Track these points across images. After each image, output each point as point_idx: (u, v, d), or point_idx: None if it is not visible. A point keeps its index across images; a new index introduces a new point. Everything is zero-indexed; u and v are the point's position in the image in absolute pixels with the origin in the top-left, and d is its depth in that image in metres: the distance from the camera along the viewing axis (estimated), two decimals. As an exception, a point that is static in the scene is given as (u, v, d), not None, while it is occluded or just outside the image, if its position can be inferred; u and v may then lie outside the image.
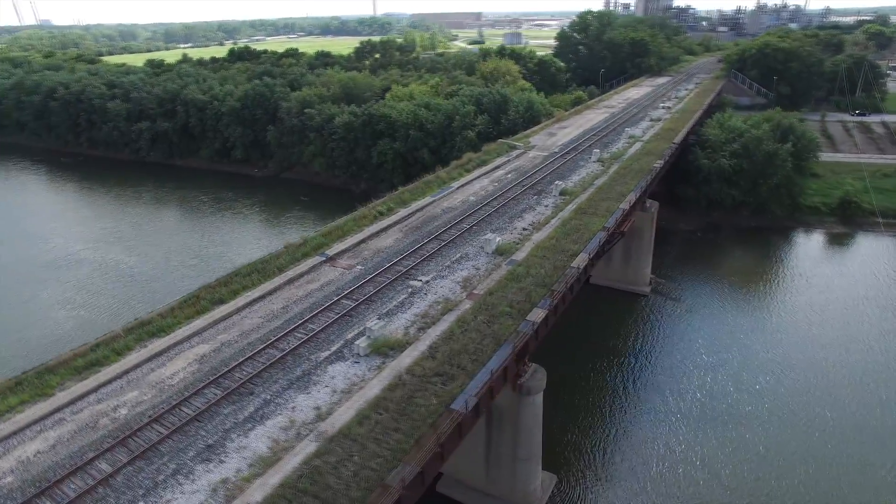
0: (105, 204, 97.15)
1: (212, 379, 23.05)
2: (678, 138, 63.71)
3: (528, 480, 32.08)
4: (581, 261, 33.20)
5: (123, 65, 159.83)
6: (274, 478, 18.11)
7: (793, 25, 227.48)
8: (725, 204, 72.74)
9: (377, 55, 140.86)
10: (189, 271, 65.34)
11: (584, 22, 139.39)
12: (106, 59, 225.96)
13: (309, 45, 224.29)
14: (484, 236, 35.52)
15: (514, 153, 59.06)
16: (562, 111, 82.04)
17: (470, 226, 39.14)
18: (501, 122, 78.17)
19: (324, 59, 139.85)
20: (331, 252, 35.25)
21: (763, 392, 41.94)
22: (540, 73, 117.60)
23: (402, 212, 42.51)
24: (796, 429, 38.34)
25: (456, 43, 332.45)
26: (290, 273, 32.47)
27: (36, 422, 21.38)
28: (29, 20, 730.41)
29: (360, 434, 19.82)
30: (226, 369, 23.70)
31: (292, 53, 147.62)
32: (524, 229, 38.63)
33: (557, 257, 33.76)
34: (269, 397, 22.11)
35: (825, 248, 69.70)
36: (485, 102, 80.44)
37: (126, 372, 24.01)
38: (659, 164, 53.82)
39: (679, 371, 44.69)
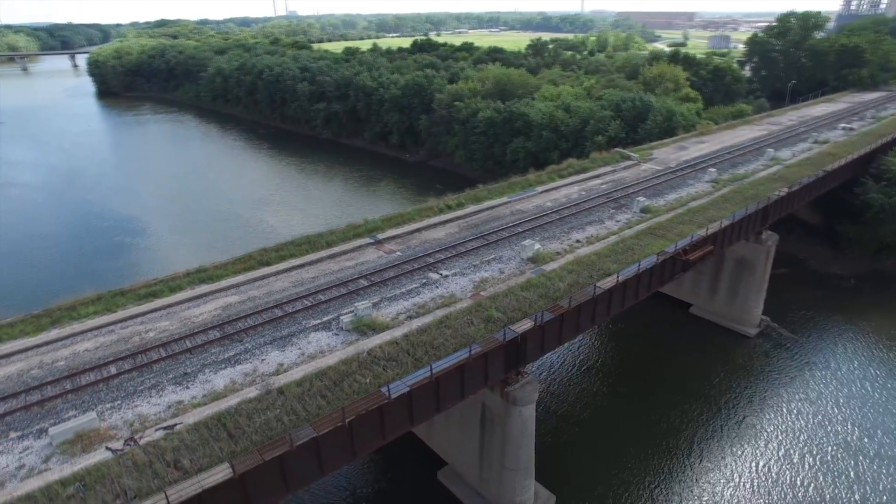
0: (284, 169, 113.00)
1: (219, 323, 27.43)
2: (833, 165, 54.55)
3: (516, 491, 31.90)
4: (609, 283, 31.51)
5: (326, 51, 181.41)
6: (211, 409, 21.53)
7: None
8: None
9: (547, 53, 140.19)
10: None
11: (784, 25, 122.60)
12: (322, 45, 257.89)
13: (493, 40, 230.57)
14: (524, 242, 35.36)
15: (624, 164, 56.08)
16: (710, 124, 74.60)
17: (524, 230, 39.12)
18: (637, 131, 73.90)
19: (494, 55, 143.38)
20: (382, 236, 38.13)
21: None
22: (714, 81, 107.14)
23: (472, 208, 43.77)
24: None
25: (656, 45, 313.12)
26: (336, 249, 36.08)
27: (96, 328, 27.68)
28: (280, 11, 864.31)
29: (293, 393, 22.36)
30: (234, 318, 27.96)
31: (466, 47, 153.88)
32: (577, 241, 37.44)
33: (587, 274, 32.46)
34: (250, 347, 25.73)
35: None
36: (624, 108, 76.56)
37: (169, 306, 29.59)
38: (783, 191, 47.11)
39: (762, 437, 39.44)
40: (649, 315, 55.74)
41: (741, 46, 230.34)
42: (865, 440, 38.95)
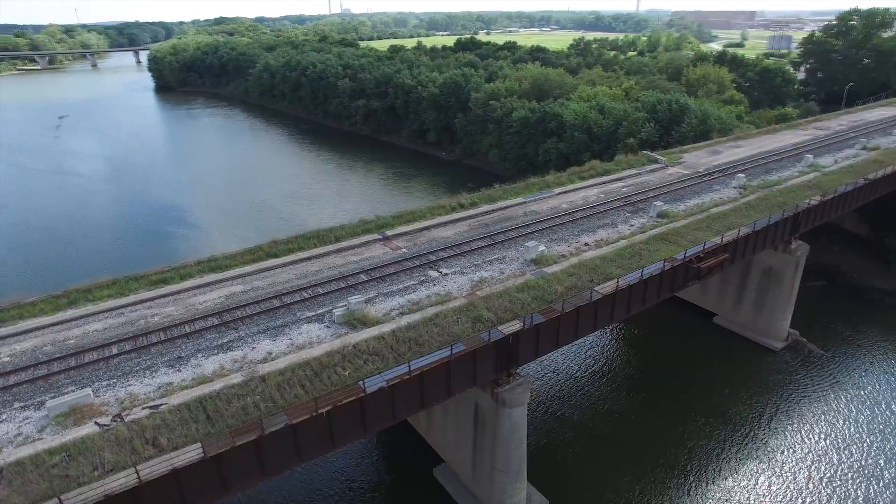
0: (322, 164, 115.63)
1: (219, 311, 28.55)
2: (877, 174, 51.56)
3: (506, 494, 31.82)
4: (608, 288, 30.96)
5: (371, 49, 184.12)
6: (196, 392, 22.50)
7: None
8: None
9: (589, 53, 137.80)
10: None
11: (845, 24, 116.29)
12: (369, 42, 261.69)
13: (539, 39, 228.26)
14: (527, 244, 35.13)
15: (650, 167, 54.73)
16: (749, 128, 71.73)
17: (533, 231, 38.86)
18: (672, 133, 71.87)
19: (536, 54, 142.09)
20: (391, 233, 38.66)
21: None
22: (762, 83, 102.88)
23: (485, 208, 43.79)
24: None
25: (711, 45, 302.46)
26: (344, 244, 36.84)
27: (107, 311, 29.31)
28: (335, 9, 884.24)
29: (275, 381, 23.09)
30: (234, 307, 29.02)
31: (509, 46, 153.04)
32: (585, 245, 36.90)
33: (588, 278, 31.99)
34: (244, 335, 26.68)
35: None
36: (659, 110, 74.56)
37: (177, 292, 30.98)
38: (814, 200, 44.93)
39: (772, 458, 37.83)
40: (670, 323, 54.30)
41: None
42: (884, 466, 36.81)
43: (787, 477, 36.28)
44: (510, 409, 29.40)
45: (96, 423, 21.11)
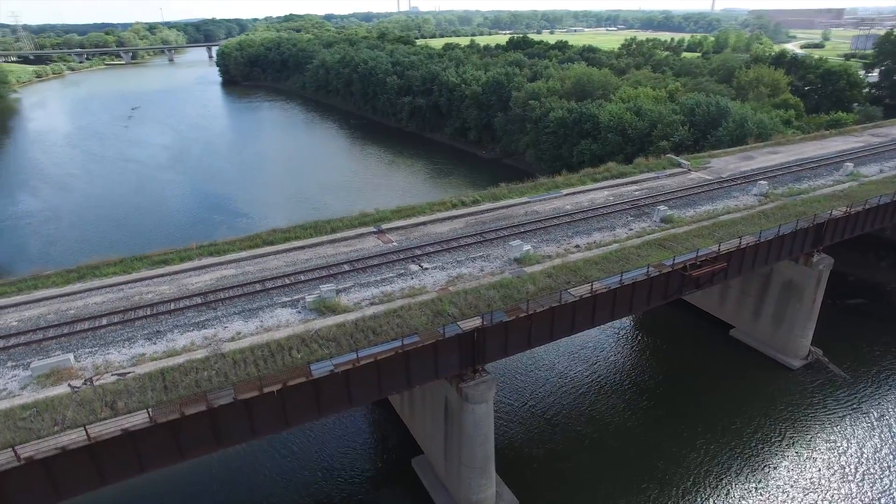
0: (366, 158, 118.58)
1: (205, 292, 30.46)
2: (921, 187, 47.95)
3: (472, 489, 32.22)
4: (582, 291, 30.69)
5: (426, 47, 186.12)
6: (162, 364, 24.32)
7: None
8: None
9: (640, 53, 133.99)
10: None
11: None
12: (427, 41, 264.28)
13: (600, 39, 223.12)
14: (512, 243, 35.22)
15: (670, 171, 53.13)
16: (793, 134, 68.00)
17: (526, 231, 38.87)
18: (707, 137, 69.22)
19: (586, 54, 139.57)
20: (386, 226, 39.71)
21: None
22: (823, 86, 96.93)
23: (486, 206, 44.08)
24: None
25: (788, 46, 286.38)
26: (338, 235, 38.21)
27: (109, 286, 31.86)
28: (404, 7, 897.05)
29: (235, 359, 24.58)
30: (220, 289, 30.86)
31: (560, 46, 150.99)
32: (576, 247, 36.59)
33: (565, 279, 31.82)
34: (220, 315, 28.42)
35: None
36: (697, 113, 71.93)
37: (174, 273, 33.23)
38: (837, 212, 42.41)
39: (768, 487, 35.99)
40: (683, 331, 52.69)
41: None
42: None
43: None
44: (474, 404, 29.77)
45: (69, 384, 23.24)
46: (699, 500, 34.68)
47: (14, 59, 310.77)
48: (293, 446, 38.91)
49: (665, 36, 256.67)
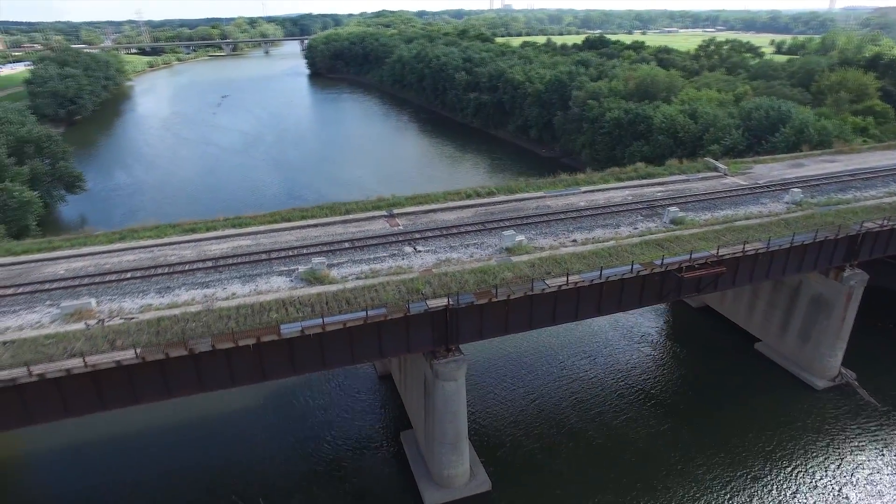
0: (430, 150, 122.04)
1: (218, 257, 34.19)
2: (983, 206, 43.88)
3: (443, 464, 33.94)
4: (558, 282, 31.48)
5: (504, 44, 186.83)
6: (161, 313, 28.03)
7: None
8: None
9: (716, 55, 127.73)
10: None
11: None
12: (508, 39, 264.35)
13: (671, 40, 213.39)
14: (506, 233, 36.37)
15: (703, 175, 51.69)
16: (861, 143, 63.36)
17: (529, 223, 39.80)
18: (762, 143, 66.01)
19: (660, 55, 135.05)
20: (398, 211, 42.03)
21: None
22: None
23: (500, 198, 45.31)
24: None
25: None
26: (350, 217, 40.98)
27: (142, 247, 36.35)
28: (497, 5, 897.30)
29: (223, 314, 27.83)
30: (231, 255, 34.51)
31: (635, 46, 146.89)
32: (573, 241, 37.17)
33: (547, 270, 32.68)
34: (223, 278, 31.94)
35: None
36: (755, 117, 68.63)
37: (198, 240, 37.34)
38: (873, 225, 39.97)
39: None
40: (707, 341, 51.32)
41: None
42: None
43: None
44: (443, 381, 31.46)
45: (85, 322, 27.42)
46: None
47: (134, 51, 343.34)
48: (299, 408, 42.35)
49: (764, 39, 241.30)
